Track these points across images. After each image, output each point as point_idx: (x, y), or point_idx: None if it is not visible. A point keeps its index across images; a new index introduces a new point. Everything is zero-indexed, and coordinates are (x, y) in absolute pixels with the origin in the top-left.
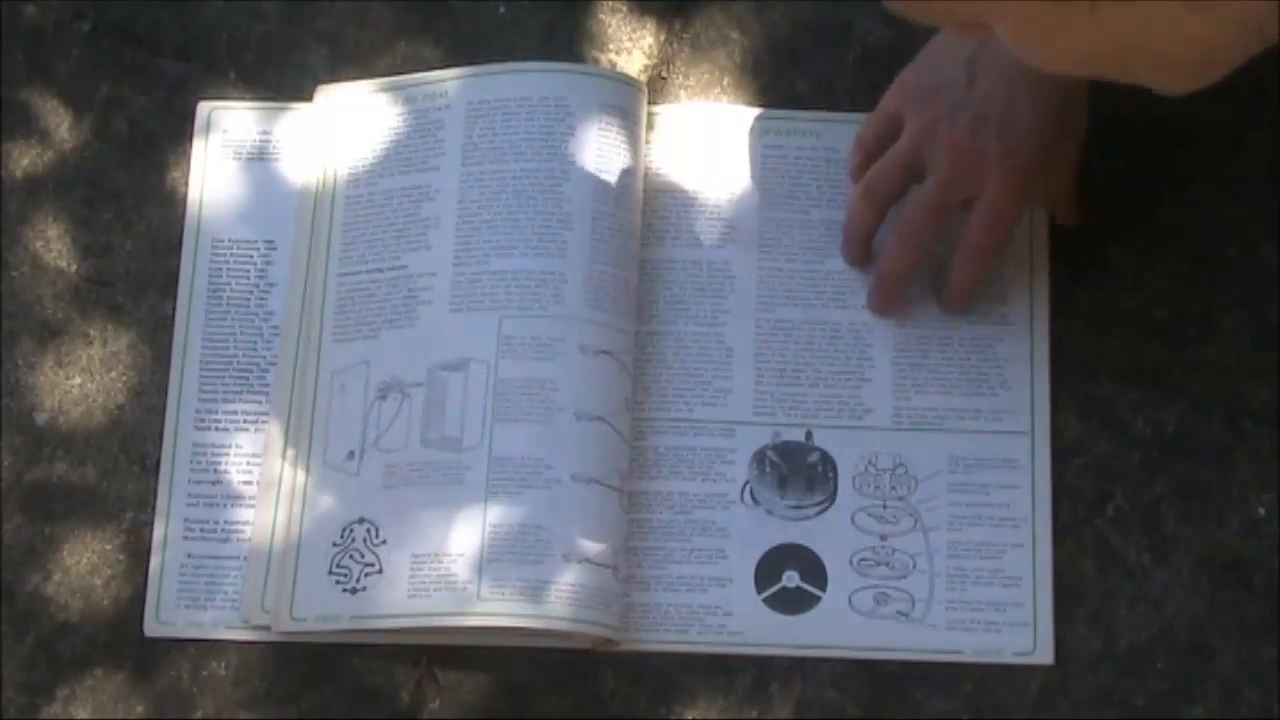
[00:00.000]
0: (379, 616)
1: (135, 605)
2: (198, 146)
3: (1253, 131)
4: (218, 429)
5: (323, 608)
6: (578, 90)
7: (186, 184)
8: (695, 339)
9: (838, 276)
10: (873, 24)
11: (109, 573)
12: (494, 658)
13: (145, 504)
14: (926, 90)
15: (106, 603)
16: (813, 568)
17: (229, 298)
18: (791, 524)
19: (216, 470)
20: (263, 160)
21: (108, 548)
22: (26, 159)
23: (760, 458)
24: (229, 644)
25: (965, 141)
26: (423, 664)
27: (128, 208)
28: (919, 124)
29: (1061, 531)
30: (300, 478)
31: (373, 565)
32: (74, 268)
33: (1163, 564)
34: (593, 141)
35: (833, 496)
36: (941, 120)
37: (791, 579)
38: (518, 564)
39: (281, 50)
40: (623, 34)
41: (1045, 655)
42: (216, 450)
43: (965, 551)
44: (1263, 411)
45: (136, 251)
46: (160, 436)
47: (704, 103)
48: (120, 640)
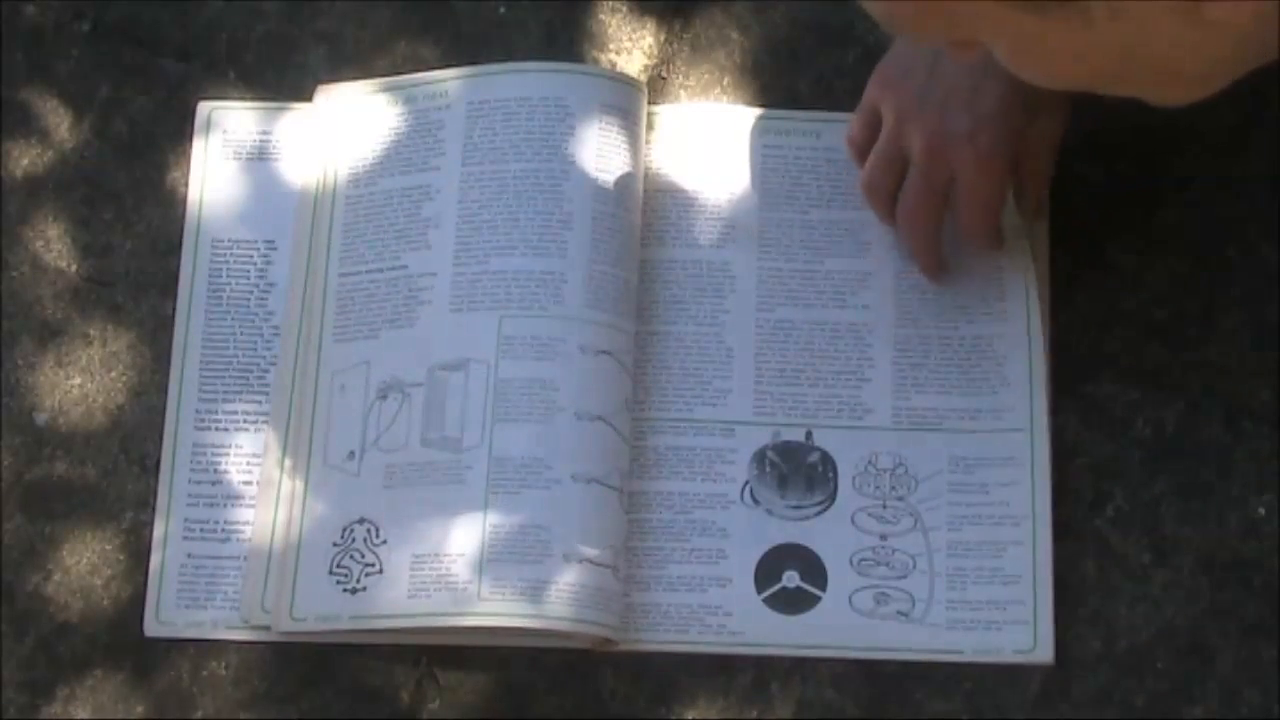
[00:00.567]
0: (379, 616)
1: (135, 605)
2: (198, 146)
3: (1253, 132)
4: (218, 429)
5: (323, 608)
6: (578, 90)
7: (186, 184)
8: (695, 339)
9: (838, 276)
10: (873, 24)
11: (109, 573)
12: (494, 658)
13: (145, 504)
14: (897, 78)
15: (106, 603)
16: (813, 568)
17: (229, 298)
18: (791, 524)
19: (216, 470)
20: (263, 160)
21: (108, 548)
22: (26, 159)
23: (760, 458)
24: (229, 644)
25: (934, 123)
26: (423, 664)
27: (128, 208)
28: (893, 113)
29: (1061, 531)
30: (300, 478)
31: (373, 565)
32: (74, 268)
33: (1163, 564)
34: (593, 141)
35: (833, 496)
36: (912, 106)
37: (791, 579)
38: (518, 564)
39: (281, 50)
40: (623, 34)
41: (1045, 655)
42: (216, 450)
43: (965, 551)
44: (1263, 411)
45: (136, 251)
46: (160, 436)
47: (704, 103)
48: (120, 640)
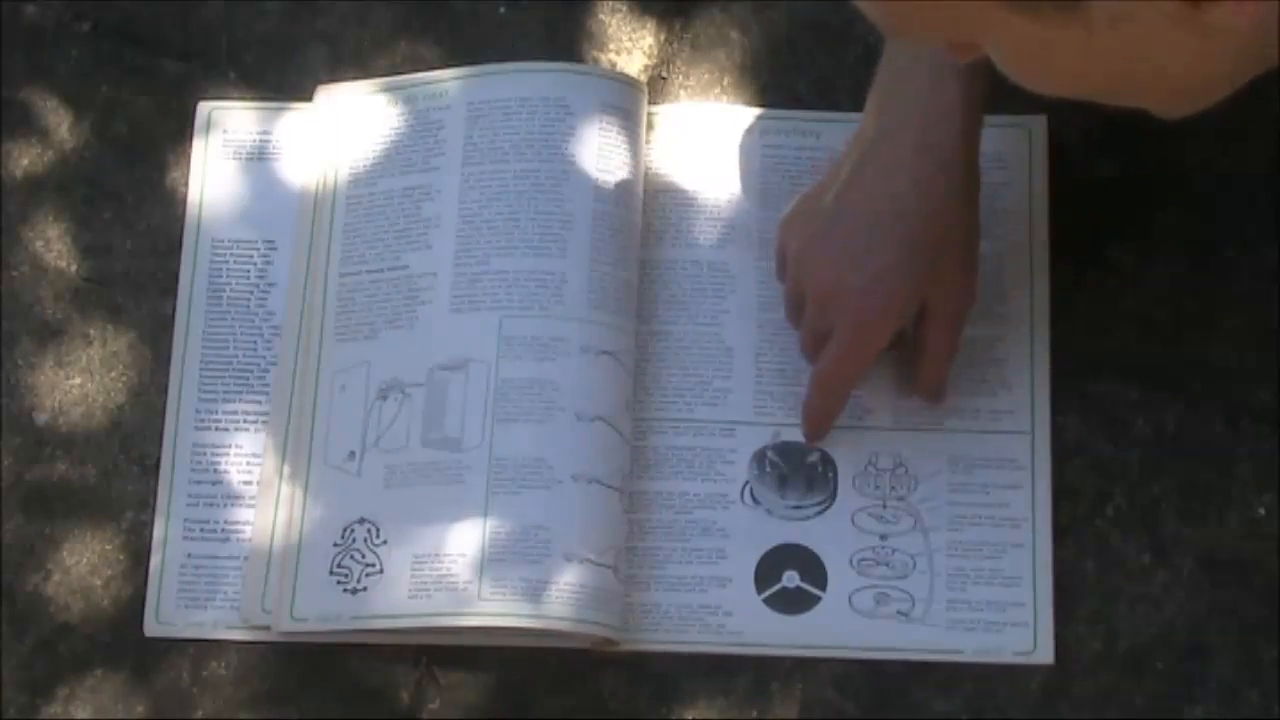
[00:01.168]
0: (379, 616)
1: (135, 605)
2: (198, 146)
3: (1253, 131)
4: (218, 429)
5: (323, 608)
6: (578, 90)
7: (186, 184)
8: (695, 339)
9: None
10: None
11: (109, 573)
12: (494, 658)
13: (145, 504)
14: (800, 224)
15: (106, 603)
16: (813, 568)
17: (229, 298)
18: (791, 524)
19: (216, 470)
20: (263, 160)
21: (108, 548)
22: (26, 159)
23: (760, 458)
24: (229, 644)
25: (828, 275)
26: (423, 664)
27: (128, 208)
28: (794, 260)
29: (1061, 531)
30: (301, 478)
31: (373, 565)
32: (74, 268)
33: (1163, 564)
34: (593, 141)
35: (833, 496)
36: (810, 253)
37: (791, 579)
38: (518, 564)
39: (281, 50)
40: (623, 34)
41: (1045, 655)
42: (216, 450)
43: (965, 551)
44: (1263, 411)
45: (136, 251)
46: (160, 436)
47: (704, 103)
48: (120, 640)
